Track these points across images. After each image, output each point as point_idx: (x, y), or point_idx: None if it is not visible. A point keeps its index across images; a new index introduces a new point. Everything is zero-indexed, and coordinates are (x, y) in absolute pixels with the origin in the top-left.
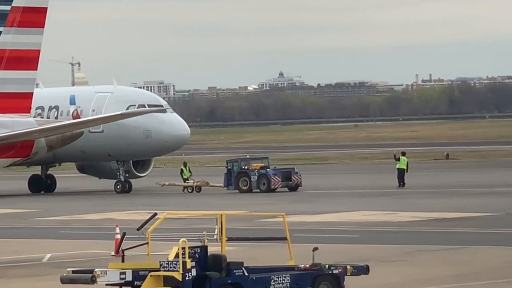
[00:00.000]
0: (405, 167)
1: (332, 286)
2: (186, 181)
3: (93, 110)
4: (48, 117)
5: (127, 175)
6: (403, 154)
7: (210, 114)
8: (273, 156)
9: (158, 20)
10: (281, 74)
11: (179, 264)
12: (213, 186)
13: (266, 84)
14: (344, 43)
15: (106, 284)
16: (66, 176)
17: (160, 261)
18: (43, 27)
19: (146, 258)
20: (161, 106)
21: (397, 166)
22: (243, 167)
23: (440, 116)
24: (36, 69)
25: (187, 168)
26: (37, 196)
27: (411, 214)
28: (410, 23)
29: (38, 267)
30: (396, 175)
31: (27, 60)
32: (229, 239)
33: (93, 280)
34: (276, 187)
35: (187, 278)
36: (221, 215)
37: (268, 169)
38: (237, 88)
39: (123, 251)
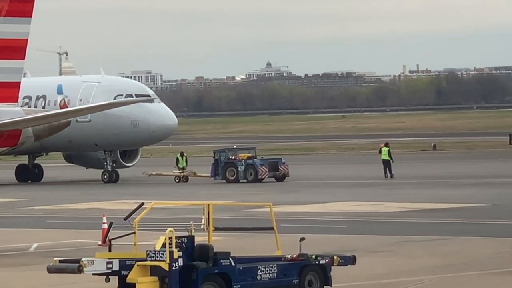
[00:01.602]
0: (388, 158)
1: (318, 276)
2: (180, 170)
3: (81, 100)
4: (35, 107)
5: (114, 164)
6: (386, 145)
7: (197, 104)
8: (260, 146)
9: (146, 10)
10: (268, 64)
11: (166, 254)
12: (200, 176)
13: (253, 74)
14: (332, 33)
15: (93, 274)
16: (53, 166)
17: (147, 251)
18: (31, 17)
19: (133, 248)
20: (149, 96)
21: (381, 157)
22: (230, 157)
23: (427, 107)
24: (24, 59)
25: (184, 157)
26: (24, 185)
27: (398, 205)
28: (397, 13)
29: (25, 256)
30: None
31: (14, 49)
32: (216, 229)
33: (80, 270)
34: (263, 177)
35: (174, 268)
36: (208, 205)
37: (255, 159)
38: (225, 78)
39: (110, 240)
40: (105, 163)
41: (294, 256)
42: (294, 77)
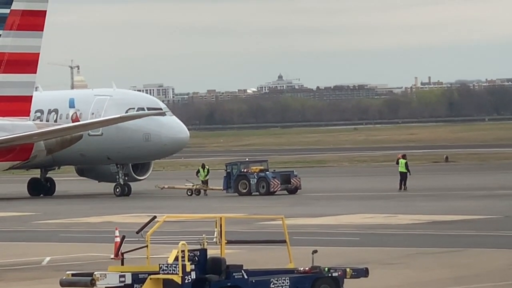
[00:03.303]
0: (405, 170)
1: None
2: (203, 183)
3: (92, 113)
4: (47, 120)
5: (126, 178)
6: (403, 157)
7: (209, 117)
8: (272, 159)
9: (157, 23)
10: (280, 77)
11: (178, 267)
12: (212, 189)
13: (265, 87)
14: (343, 45)
15: (106, 287)
16: (66, 179)
17: (159, 264)
18: (42, 30)
19: (146, 261)
20: (161, 109)
21: (399, 170)
22: (243, 170)
23: (439, 119)
24: (35, 72)
25: (205, 169)
26: (37, 199)
27: (410, 217)
28: (409, 25)
29: (38, 270)
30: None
31: (26, 63)
32: (229, 242)
33: (92, 283)
34: (275, 190)
35: (186, 281)
36: (221, 218)
37: (267, 172)
38: (236, 91)
39: (122, 254)
40: (117, 177)
41: (307, 268)
42: (306, 89)
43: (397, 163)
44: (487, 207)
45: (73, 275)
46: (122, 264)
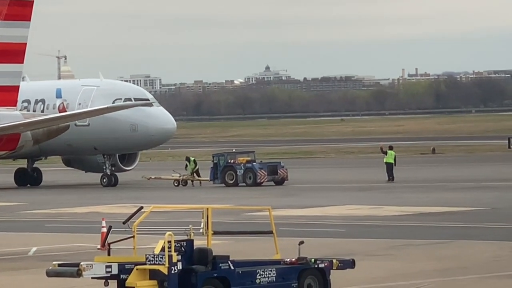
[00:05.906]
0: (393, 161)
1: (318, 280)
2: (194, 174)
3: (79, 104)
4: (34, 111)
5: (113, 168)
6: (391, 148)
7: (196, 108)
8: (259, 150)
9: (145, 13)
10: (267, 68)
11: (165, 257)
12: (199, 179)
13: (252, 78)
14: (331, 37)
15: (92, 278)
16: (52, 170)
17: (146, 255)
18: (30, 20)
19: (132, 252)
20: (148, 99)
21: (385, 160)
22: (229, 161)
23: (426, 110)
24: (22, 62)
25: (191, 162)
26: (23, 189)
27: (397, 208)
28: (396, 17)
29: (24, 260)
30: (385, 169)
31: (13, 53)
32: (215, 233)
33: (79, 274)
34: (262, 181)
35: (173, 272)
36: (207, 208)
37: (254, 163)
38: (224, 82)
39: (109, 244)
40: (104, 167)
41: (293, 259)
42: (293, 80)
43: (384, 152)
44: (474, 199)
45: (59, 265)
46: (109, 254)
